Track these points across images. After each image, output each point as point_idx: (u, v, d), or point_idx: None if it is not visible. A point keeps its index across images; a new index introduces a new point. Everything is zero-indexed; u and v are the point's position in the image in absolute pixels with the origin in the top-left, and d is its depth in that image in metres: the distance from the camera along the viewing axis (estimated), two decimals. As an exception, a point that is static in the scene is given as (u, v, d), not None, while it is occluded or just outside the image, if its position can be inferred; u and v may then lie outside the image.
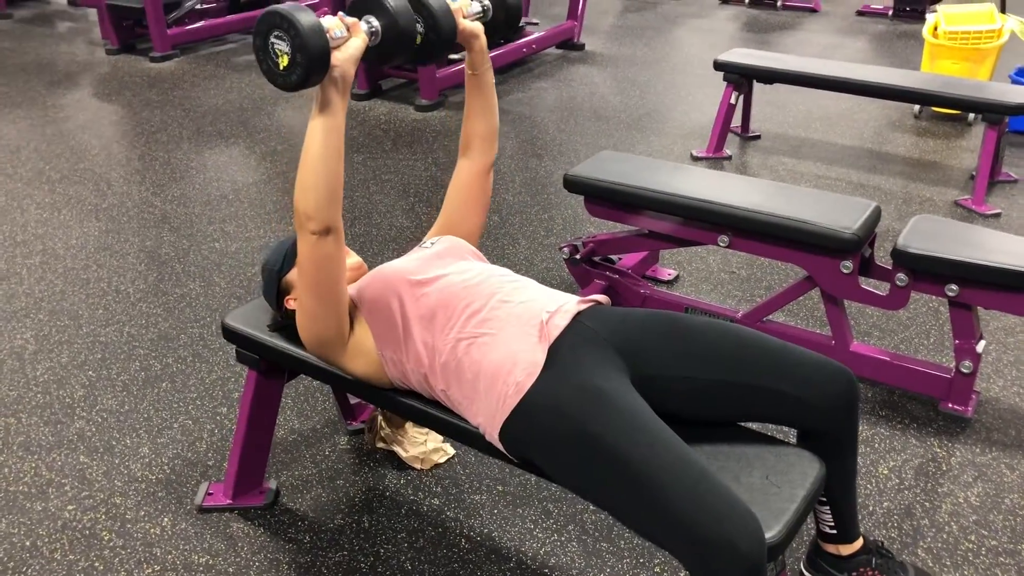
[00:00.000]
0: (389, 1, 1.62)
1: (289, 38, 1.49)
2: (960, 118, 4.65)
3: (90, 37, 6.78)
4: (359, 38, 1.60)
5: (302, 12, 1.49)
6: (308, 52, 1.48)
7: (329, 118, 1.59)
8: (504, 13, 1.90)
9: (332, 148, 1.60)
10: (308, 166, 1.60)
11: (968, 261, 2.23)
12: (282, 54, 1.51)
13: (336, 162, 1.61)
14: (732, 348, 1.61)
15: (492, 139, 2.00)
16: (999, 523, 2.06)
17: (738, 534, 1.31)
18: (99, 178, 4.11)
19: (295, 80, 1.53)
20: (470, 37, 1.84)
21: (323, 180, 1.59)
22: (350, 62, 1.58)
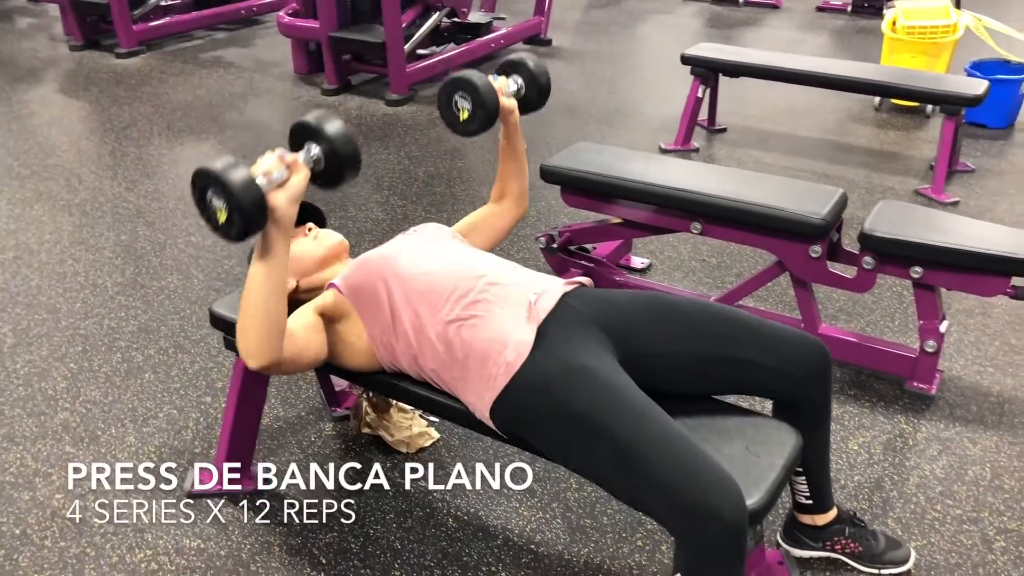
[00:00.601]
0: (327, 129, 1.58)
1: (223, 196, 1.45)
2: (919, 110, 4.78)
3: (52, 33, 6.71)
4: (300, 175, 1.57)
5: (232, 170, 1.45)
6: (242, 210, 1.45)
7: (271, 259, 1.56)
8: (536, 91, 2.06)
9: (274, 289, 1.57)
10: (248, 308, 1.57)
11: (932, 244, 2.32)
12: (219, 210, 1.47)
13: (278, 302, 1.58)
14: (712, 324, 1.68)
15: (524, 198, 2.16)
16: (963, 493, 2.15)
17: (722, 502, 1.38)
18: (70, 174, 4.09)
19: (235, 234, 1.49)
20: (507, 113, 2.00)
21: (263, 322, 1.57)
22: (291, 202, 1.54)
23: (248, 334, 1.58)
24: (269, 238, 1.55)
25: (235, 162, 1.47)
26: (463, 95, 1.89)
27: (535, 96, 2.05)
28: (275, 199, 1.52)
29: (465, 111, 1.90)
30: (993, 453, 2.29)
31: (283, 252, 1.57)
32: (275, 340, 1.59)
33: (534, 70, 2.04)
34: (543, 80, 2.05)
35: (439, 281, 1.71)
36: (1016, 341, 2.75)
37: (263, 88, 5.38)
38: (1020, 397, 2.50)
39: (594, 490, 2.14)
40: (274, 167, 1.53)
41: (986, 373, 2.60)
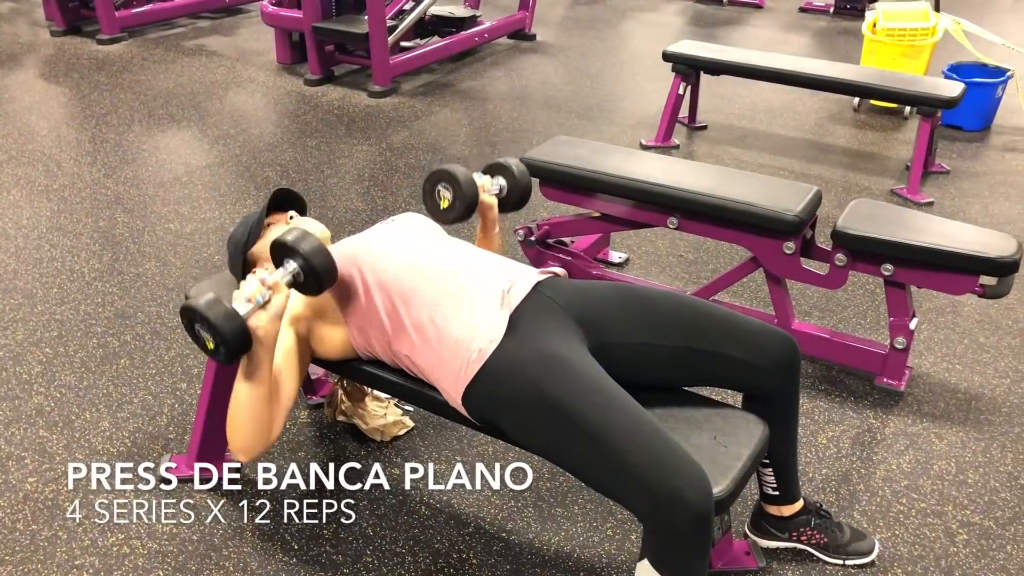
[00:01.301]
0: (302, 247, 1.63)
1: (209, 331, 1.56)
2: (896, 111, 4.83)
3: (33, 18, 6.66)
4: (281, 295, 1.62)
5: (214, 307, 1.54)
6: (226, 341, 1.55)
7: (256, 374, 1.63)
8: (517, 193, 2.16)
9: (259, 398, 1.65)
10: (235, 412, 1.66)
11: (903, 242, 2.36)
12: (207, 339, 1.58)
13: (263, 408, 1.66)
14: (684, 316, 1.71)
15: None
16: (928, 487, 2.19)
17: (687, 487, 1.40)
18: (49, 159, 4.07)
19: (224, 360, 1.60)
20: (486, 208, 2.09)
21: (251, 428, 1.66)
22: (272, 321, 1.61)
23: (238, 436, 1.67)
24: (254, 355, 1.62)
25: (217, 298, 1.56)
26: (446, 186, 2.01)
27: (515, 198, 2.17)
28: (257, 320, 1.59)
29: (446, 200, 2.02)
30: (959, 448, 2.33)
31: (267, 365, 1.65)
32: (263, 437, 1.69)
33: (517, 175, 2.15)
34: (524, 184, 2.16)
35: (414, 269, 1.72)
36: (984, 339, 2.79)
37: (245, 77, 5.36)
38: (987, 394, 2.54)
39: (565, 479, 2.16)
40: (256, 292, 1.60)
41: (954, 370, 2.64)
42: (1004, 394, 2.55)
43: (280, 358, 1.73)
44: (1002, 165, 4.20)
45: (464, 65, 5.71)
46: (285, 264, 1.66)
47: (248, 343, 1.59)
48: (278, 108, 4.91)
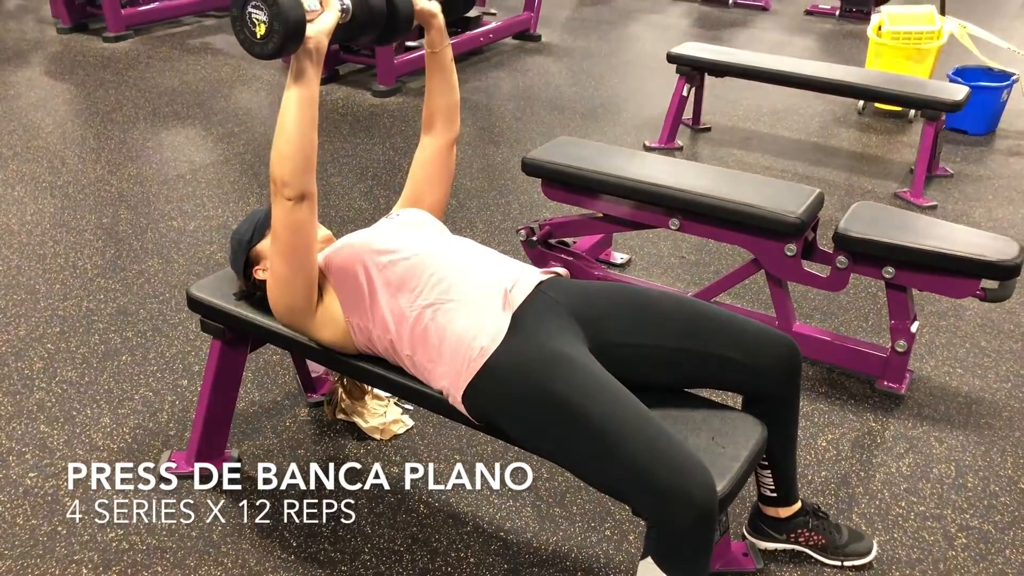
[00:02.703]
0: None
1: (267, 7, 1.53)
2: (901, 115, 4.83)
3: (40, 15, 6.67)
4: (332, 13, 1.63)
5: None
6: (285, 21, 1.52)
7: (303, 88, 1.61)
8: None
9: (307, 117, 1.63)
10: (284, 135, 1.63)
11: (904, 244, 2.35)
12: (259, 23, 1.54)
13: (311, 130, 1.64)
14: (685, 317, 1.71)
15: (454, 115, 2.06)
16: (927, 490, 2.19)
17: (692, 484, 1.41)
18: (53, 156, 4.08)
19: (271, 49, 1.56)
20: (428, 16, 1.88)
21: (298, 148, 1.63)
22: (324, 34, 1.60)
23: (284, 161, 1.63)
24: (301, 65, 1.60)
25: None
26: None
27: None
28: (310, 28, 1.58)
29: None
30: (958, 452, 2.32)
31: (314, 82, 1.62)
32: (309, 168, 1.65)
33: None
34: None
35: (417, 266, 1.72)
36: (986, 343, 2.79)
37: (250, 75, 5.37)
38: (987, 398, 2.54)
39: (564, 479, 2.17)
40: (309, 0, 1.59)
41: (955, 374, 2.64)
42: (1005, 398, 2.54)
43: None
44: (1006, 169, 4.19)
45: (469, 65, 5.71)
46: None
47: (300, 37, 1.56)
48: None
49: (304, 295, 1.75)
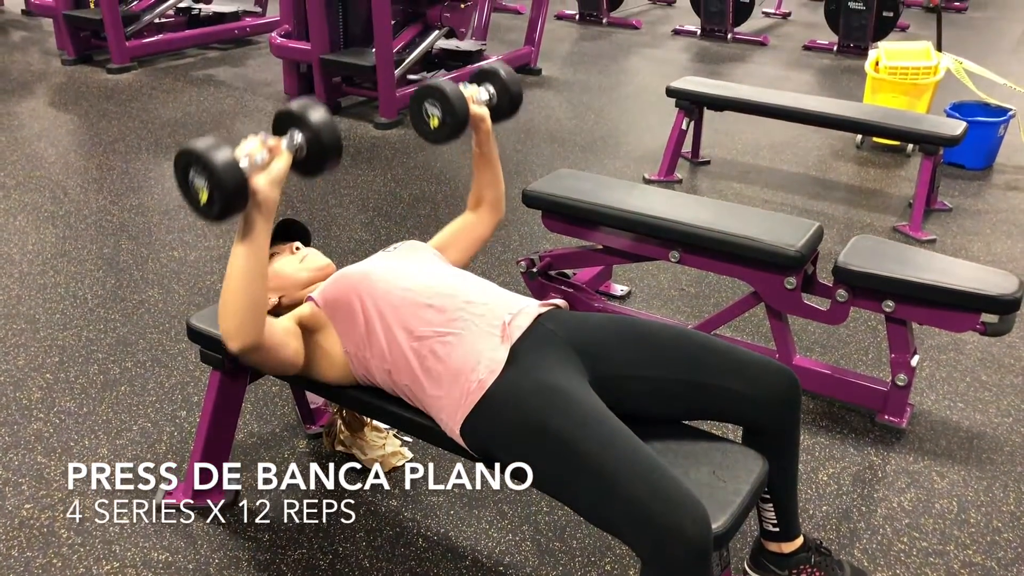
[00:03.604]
0: (311, 117, 1.59)
1: (205, 175, 1.47)
2: (899, 149, 4.86)
3: (45, 47, 6.74)
4: (282, 159, 1.58)
5: (216, 149, 1.48)
6: (223, 189, 1.47)
7: (252, 242, 1.57)
8: (507, 100, 2.06)
9: (254, 271, 1.59)
10: (229, 290, 1.59)
11: (904, 278, 2.36)
12: (201, 189, 1.49)
13: (259, 285, 1.60)
14: (685, 349, 1.71)
15: (499, 204, 2.15)
16: (929, 526, 2.17)
17: (686, 520, 1.39)
18: (55, 186, 4.10)
19: (216, 214, 1.52)
20: (478, 121, 1.99)
21: (244, 303, 1.59)
22: (272, 185, 1.55)
23: (229, 315, 1.60)
24: (250, 220, 1.56)
25: (218, 142, 1.49)
26: (433, 102, 1.90)
27: (507, 105, 2.06)
28: (256, 182, 1.53)
29: (435, 118, 1.91)
30: (960, 487, 2.31)
31: (264, 235, 1.58)
32: (256, 321, 1.61)
33: (506, 79, 2.04)
34: (515, 89, 2.06)
35: (415, 298, 1.73)
36: (987, 378, 2.78)
37: (253, 107, 5.41)
38: (989, 433, 2.53)
39: (564, 513, 2.15)
40: (256, 150, 1.55)
41: (956, 408, 2.63)
42: (1006, 433, 2.53)
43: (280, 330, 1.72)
44: (1004, 204, 4.21)
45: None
46: (290, 134, 1.60)
47: (244, 198, 1.50)
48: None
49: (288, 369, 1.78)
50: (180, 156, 1.52)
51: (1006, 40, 8.03)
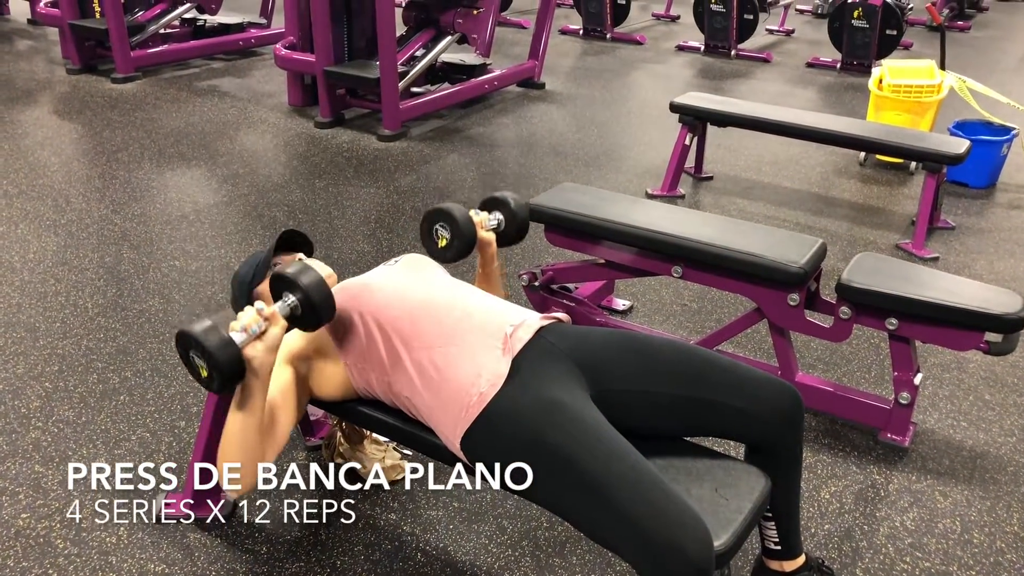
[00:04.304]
0: (302, 280, 1.64)
1: (203, 357, 1.56)
2: (902, 167, 4.86)
3: (50, 56, 6.76)
4: (277, 326, 1.63)
5: (210, 334, 1.55)
6: (220, 369, 1.55)
7: (249, 405, 1.63)
8: (514, 227, 2.19)
9: (251, 429, 1.65)
10: (227, 443, 1.66)
11: (907, 296, 2.35)
12: (200, 367, 1.59)
13: (255, 439, 1.66)
14: (687, 364, 1.70)
15: None
16: (932, 546, 2.16)
17: (688, 539, 1.38)
18: (58, 194, 4.10)
19: (216, 389, 1.61)
20: (484, 245, 2.11)
21: (241, 458, 1.66)
22: (268, 351, 1.61)
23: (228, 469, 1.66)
24: (247, 386, 1.62)
25: (213, 326, 1.56)
26: (443, 225, 2.02)
27: (513, 232, 2.19)
28: (252, 350, 1.59)
29: (444, 239, 2.03)
30: (964, 507, 2.29)
31: (260, 396, 1.64)
32: (253, 469, 1.67)
33: (515, 209, 2.17)
34: (522, 218, 2.18)
35: (416, 310, 1.72)
36: (990, 397, 2.77)
37: (256, 118, 5.42)
38: (992, 452, 2.51)
39: (564, 529, 2.13)
40: (252, 321, 1.61)
41: (959, 427, 2.62)
42: (1010, 453, 2.52)
43: (277, 394, 1.73)
44: (1007, 222, 4.21)
45: (473, 112, 5.76)
46: (284, 297, 1.66)
47: (242, 372, 1.59)
48: (288, 149, 4.95)
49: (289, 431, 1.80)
50: (179, 339, 1.61)
51: (1009, 59, 8.04)
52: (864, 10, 6.91)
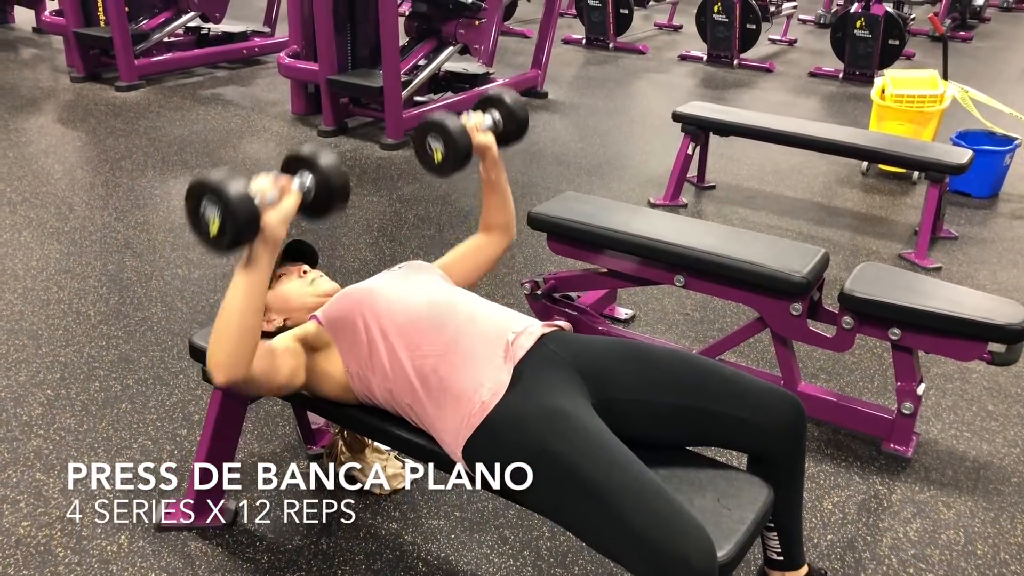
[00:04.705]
0: (320, 160, 1.62)
1: (218, 206, 1.49)
2: (905, 176, 4.85)
3: (55, 64, 6.78)
4: (292, 198, 1.60)
5: (232, 181, 1.50)
6: (236, 221, 1.49)
7: (254, 275, 1.58)
8: (514, 125, 2.04)
9: (252, 305, 1.58)
10: (224, 319, 1.59)
11: (910, 306, 2.34)
12: (213, 220, 1.51)
13: (254, 318, 1.59)
14: (690, 374, 1.69)
15: (509, 229, 2.15)
16: (936, 557, 2.15)
17: (691, 549, 1.38)
18: (61, 202, 4.11)
19: (226, 245, 1.53)
20: (484, 149, 1.98)
21: (236, 336, 1.58)
22: (281, 223, 1.57)
23: (219, 347, 1.59)
24: (255, 255, 1.57)
25: (232, 174, 1.51)
26: (435, 136, 1.89)
27: (513, 130, 2.04)
28: (266, 217, 1.55)
29: (438, 152, 1.89)
30: (967, 518, 2.28)
31: (266, 270, 1.59)
32: (246, 354, 1.59)
33: (511, 104, 2.02)
34: (521, 114, 2.03)
35: (418, 317, 1.72)
36: (993, 407, 2.76)
37: (260, 127, 5.43)
38: (995, 463, 2.50)
39: (566, 539, 2.13)
40: (267, 188, 1.56)
41: (962, 438, 2.61)
42: (1014, 464, 2.51)
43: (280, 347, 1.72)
44: (1010, 232, 4.20)
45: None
46: (300, 175, 1.62)
47: (255, 231, 1.52)
48: (291, 156, 4.94)
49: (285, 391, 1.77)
50: (194, 186, 1.53)
51: (1011, 70, 8.05)
52: (866, 20, 6.92)
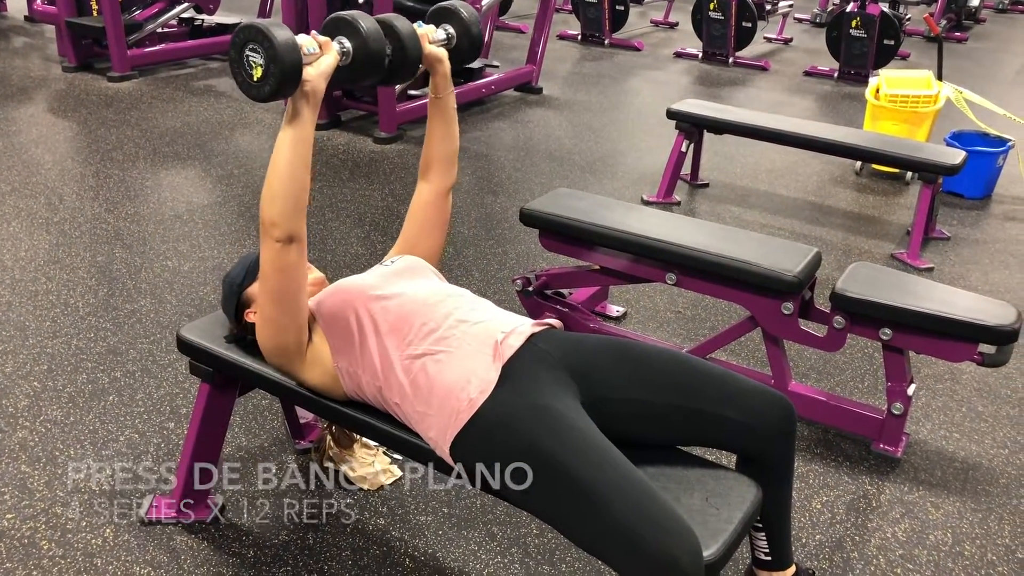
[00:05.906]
0: (361, 24, 1.68)
1: (263, 51, 1.55)
2: (898, 176, 4.86)
3: (46, 53, 6.74)
4: (331, 56, 1.65)
5: (278, 28, 1.55)
6: (281, 65, 1.54)
7: (298, 129, 1.64)
8: (467, 41, 1.98)
9: (300, 158, 1.64)
10: (275, 175, 1.64)
11: (901, 307, 2.34)
12: (256, 66, 1.57)
13: (303, 172, 1.65)
14: (680, 374, 1.68)
15: (452, 163, 2.08)
16: (923, 557, 2.15)
17: (678, 548, 1.37)
18: (51, 192, 4.08)
19: (267, 91, 1.59)
20: (434, 62, 1.94)
21: (289, 189, 1.64)
22: (321, 77, 1.63)
23: (274, 201, 1.64)
24: (298, 109, 1.62)
25: (279, 23, 1.56)
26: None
27: (466, 47, 1.97)
28: (308, 71, 1.60)
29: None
30: (955, 519, 2.28)
31: (309, 124, 1.65)
32: (299, 210, 1.66)
33: (466, 18, 1.95)
34: (475, 30, 1.96)
35: (409, 314, 1.71)
36: (983, 408, 2.76)
37: (252, 118, 5.40)
38: (984, 464, 2.51)
39: (554, 536, 2.12)
40: (308, 43, 1.62)
41: (952, 439, 2.61)
42: (1002, 465, 2.51)
43: None
44: (1002, 234, 4.21)
45: (470, 115, 5.76)
46: (340, 40, 1.67)
47: (297, 80, 1.58)
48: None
49: (294, 336, 1.74)
50: (241, 31, 1.58)
51: (1006, 71, 8.06)
52: (862, 20, 6.92)
